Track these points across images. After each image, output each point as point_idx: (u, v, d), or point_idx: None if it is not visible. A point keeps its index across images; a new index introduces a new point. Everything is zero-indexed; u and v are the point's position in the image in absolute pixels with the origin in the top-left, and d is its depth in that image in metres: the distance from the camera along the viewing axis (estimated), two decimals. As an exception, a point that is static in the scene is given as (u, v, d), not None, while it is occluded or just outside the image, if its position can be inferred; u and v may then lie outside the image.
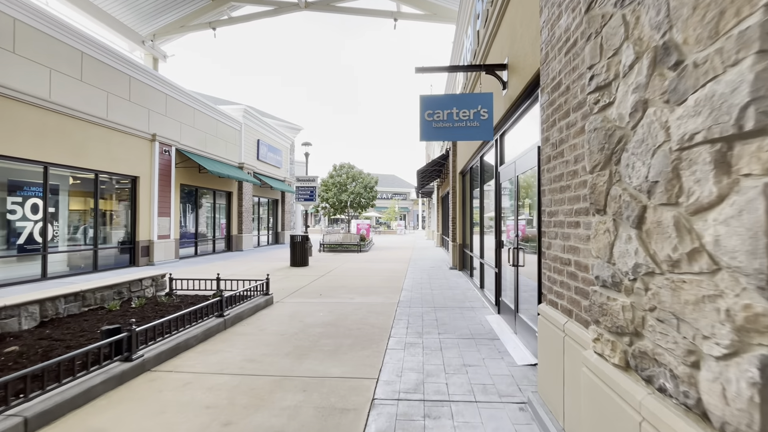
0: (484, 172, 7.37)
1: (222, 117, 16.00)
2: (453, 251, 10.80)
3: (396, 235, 38.26)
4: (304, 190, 15.20)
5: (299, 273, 10.23)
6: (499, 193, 5.55)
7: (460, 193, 10.51)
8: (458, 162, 10.59)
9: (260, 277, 9.85)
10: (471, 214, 8.86)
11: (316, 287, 8.03)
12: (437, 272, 10.26)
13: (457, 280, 8.94)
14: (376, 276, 9.59)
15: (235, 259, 13.64)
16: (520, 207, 4.45)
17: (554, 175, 2.61)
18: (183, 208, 13.95)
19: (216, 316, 4.97)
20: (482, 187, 7.38)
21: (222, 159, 15.92)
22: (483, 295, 6.97)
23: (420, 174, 13.36)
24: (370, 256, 15.17)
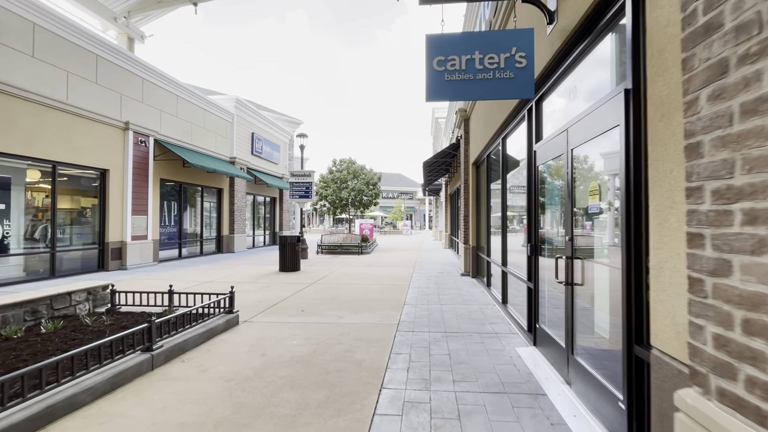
0: (506, 160, 5.89)
1: (210, 107, 14.69)
2: (465, 255, 9.31)
3: (402, 235, 36.79)
4: (298, 186, 13.82)
5: (287, 280, 8.83)
6: (534, 180, 4.08)
7: (474, 188, 9.02)
8: (471, 151, 9.11)
9: (243, 283, 8.54)
10: (488, 212, 7.38)
11: (301, 300, 6.61)
12: (447, 279, 8.78)
13: (470, 290, 7.46)
14: (375, 284, 8.14)
15: (221, 263, 12.30)
16: (573, 196, 2.98)
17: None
18: (164, 206, 12.65)
19: (142, 350, 3.57)
20: (504, 177, 5.90)
21: (210, 152, 14.60)
22: (506, 312, 5.48)
23: (426, 167, 11.89)
24: (372, 259, 13.74)
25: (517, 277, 4.99)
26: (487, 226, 7.40)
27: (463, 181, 9.53)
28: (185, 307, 5.14)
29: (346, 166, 18.00)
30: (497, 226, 6.61)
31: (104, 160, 9.98)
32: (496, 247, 6.86)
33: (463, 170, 9.56)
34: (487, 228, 7.41)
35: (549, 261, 3.85)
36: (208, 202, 15.27)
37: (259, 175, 17.81)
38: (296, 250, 10.33)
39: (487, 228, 7.41)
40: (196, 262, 12.30)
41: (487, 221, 7.39)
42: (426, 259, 13.35)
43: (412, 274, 9.77)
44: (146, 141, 11.24)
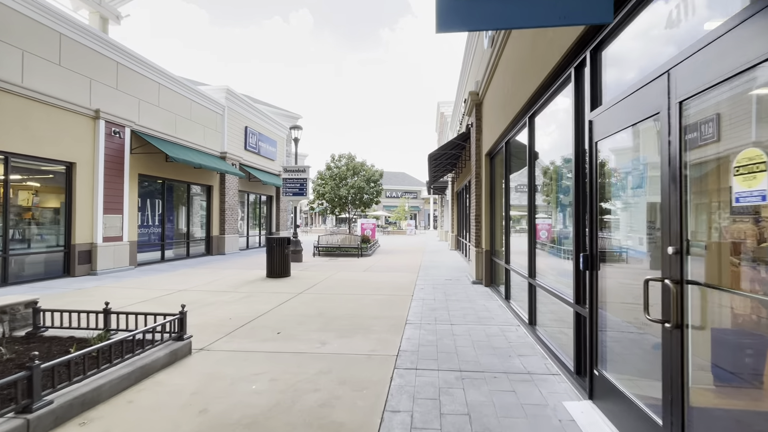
0: (533, 145, 4.68)
1: (198, 97, 13.58)
2: (476, 260, 8.10)
3: (405, 235, 35.59)
4: (292, 182, 12.67)
5: (272, 288, 7.67)
6: (588, 163, 2.88)
7: (487, 182, 7.81)
8: (484, 140, 7.89)
9: (220, 293, 7.33)
10: (506, 210, 6.17)
11: (281, 316, 5.45)
12: (456, 288, 7.57)
13: (485, 303, 6.25)
14: (372, 294, 6.96)
15: (206, 266, 11.18)
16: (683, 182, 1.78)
17: None
18: (144, 204, 11.56)
19: (15, 412, 2.41)
20: (532, 166, 4.69)
21: (198, 146, 13.50)
22: (536, 337, 4.27)
23: (432, 161, 10.69)
24: (372, 261, 12.56)
25: (554, 295, 3.78)
26: (506, 227, 6.19)
27: (474, 175, 8.32)
28: (125, 330, 4.01)
29: (346, 162, 16.80)
30: (520, 228, 5.41)
31: (70, 151, 8.88)
32: (518, 252, 5.65)
33: (474, 163, 8.35)
34: (505, 229, 6.20)
35: (612, 278, 2.65)
36: (196, 200, 14.18)
37: (252, 172, 16.70)
38: (285, 253, 9.17)
39: (505, 229, 6.20)
40: (178, 266, 11.19)
41: (506, 221, 6.18)
42: (431, 263, 12.15)
43: (416, 281, 8.58)
44: (121, 132, 10.14)
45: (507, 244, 6.14)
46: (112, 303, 5.91)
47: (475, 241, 8.28)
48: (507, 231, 6.16)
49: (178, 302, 6.38)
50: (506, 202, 6.19)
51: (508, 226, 6.16)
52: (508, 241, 6.13)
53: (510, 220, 6.14)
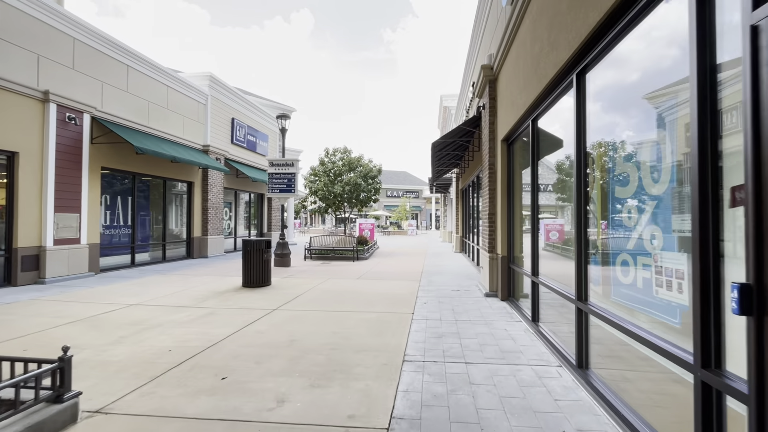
0: (581, 116, 3.32)
1: (176, 83, 12.25)
2: (491, 268, 6.74)
3: (407, 236, 34.25)
4: (279, 178, 11.33)
5: (242, 302, 6.33)
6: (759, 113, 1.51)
7: (504, 174, 6.45)
8: (500, 123, 6.53)
9: (177, 308, 5.83)
10: (534, 207, 4.80)
11: (238, 347, 4.10)
12: (466, 303, 6.21)
13: (507, 327, 4.89)
14: (363, 311, 5.61)
15: (179, 272, 9.86)
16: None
17: None
18: (110, 202, 10.23)
19: None
20: (581, 146, 3.33)
21: (175, 138, 12.16)
22: (593, 390, 2.91)
23: (436, 151, 9.31)
24: (369, 266, 11.21)
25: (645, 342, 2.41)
26: (533, 228, 4.82)
27: (488, 166, 6.96)
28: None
29: (341, 157, 15.43)
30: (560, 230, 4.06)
31: (10, 139, 7.56)
32: (550, 260, 4.30)
33: (487, 151, 6.99)
34: (532, 231, 4.83)
35: None
36: (176, 198, 12.85)
37: (240, 168, 15.38)
38: (264, 258, 7.83)
39: (532, 231, 4.83)
40: (147, 272, 9.86)
41: (533, 221, 4.81)
42: (435, 268, 10.79)
43: (417, 292, 7.23)
44: (78, 118, 8.81)
45: (535, 251, 4.77)
46: (31, 325, 4.64)
47: (488, 245, 6.92)
48: (534, 233, 4.80)
49: (120, 323, 5.06)
50: (533, 197, 4.82)
51: (535, 228, 4.79)
52: (535, 247, 4.77)
53: (538, 219, 4.78)
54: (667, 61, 2.25)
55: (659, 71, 2.33)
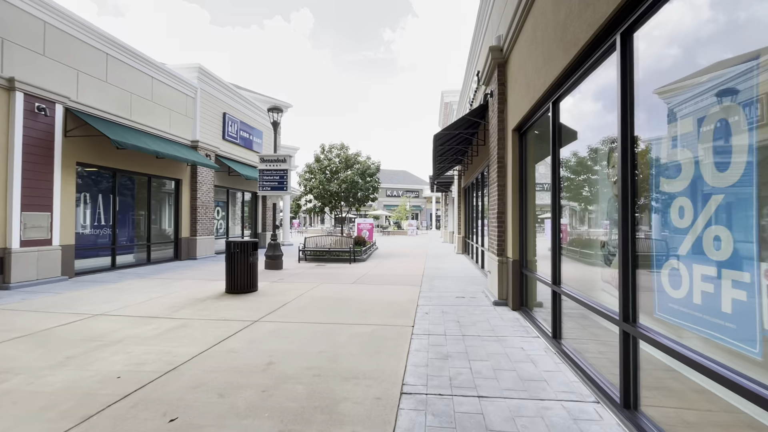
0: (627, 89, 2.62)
1: (161, 75, 11.54)
2: (500, 273, 6.04)
3: (407, 236, 33.56)
4: (270, 174, 10.64)
5: (221, 312, 5.63)
6: None
7: (516, 167, 5.75)
8: (510, 111, 5.82)
9: (146, 320, 4.73)
10: (556, 203, 4.09)
11: (201, 373, 3.40)
12: (473, 314, 5.51)
13: (523, 345, 4.19)
14: (356, 324, 4.91)
15: (162, 276, 9.16)
16: None
17: None
18: (91, 200, 9.53)
19: None
20: (628, 121, 2.63)
21: (161, 133, 11.46)
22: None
23: (438, 145, 8.59)
24: (366, 269, 10.50)
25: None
26: (554, 228, 4.11)
27: (496, 159, 6.25)
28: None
29: (337, 153, 14.71)
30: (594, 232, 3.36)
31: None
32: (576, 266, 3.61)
33: (496, 143, 6.28)
34: (554, 232, 4.12)
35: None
36: (162, 196, 12.14)
37: (232, 165, 14.67)
38: (250, 261, 7.13)
39: (554, 232, 4.12)
40: (127, 276, 9.16)
41: (555, 219, 4.10)
42: (436, 271, 10.08)
43: (418, 299, 6.52)
44: (49, 109, 8.10)
45: (556, 255, 4.07)
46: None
47: (496, 248, 6.22)
48: (556, 235, 4.09)
49: (74, 339, 4.35)
50: (554, 191, 4.11)
51: (556, 229, 4.08)
52: (557, 251, 4.06)
53: (559, 217, 4.07)
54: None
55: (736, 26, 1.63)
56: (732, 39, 1.82)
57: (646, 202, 2.55)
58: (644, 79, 2.51)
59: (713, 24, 1.94)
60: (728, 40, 1.84)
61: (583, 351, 3.51)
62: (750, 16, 1.74)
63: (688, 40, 2.11)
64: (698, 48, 2.04)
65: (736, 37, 1.80)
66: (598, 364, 3.18)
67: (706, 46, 1.99)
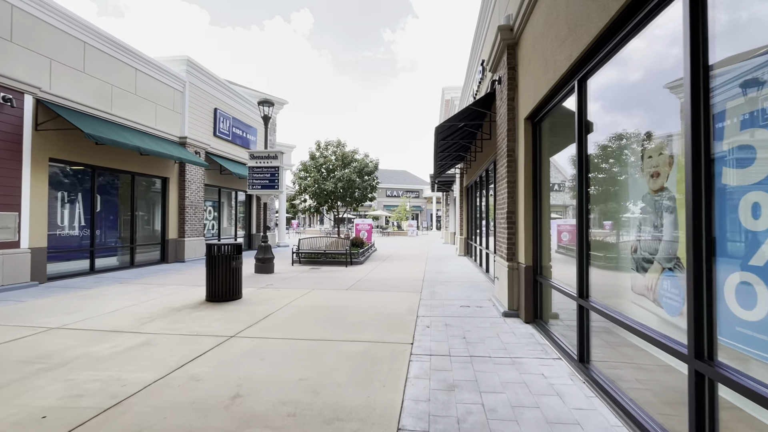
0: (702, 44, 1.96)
1: (146, 66, 10.88)
2: (510, 280, 5.37)
3: (407, 237, 32.90)
4: (260, 172, 9.99)
5: (196, 324, 4.96)
6: None
7: (529, 161, 5.08)
8: (523, 97, 5.16)
9: (109, 334, 4.14)
10: (583, 203, 3.42)
11: (150, 411, 2.73)
12: (481, 328, 4.84)
13: (544, 370, 3.52)
14: (346, 341, 4.24)
15: (143, 281, 8.50)
16: None
17: None
18: (67, 200, 8.87)
19: None
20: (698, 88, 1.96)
21: (145, 128, 10.80)
22: None
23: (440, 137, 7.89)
24: (363, 272, 9.84)
25: None
26: (581, 229, 3.44)
27: (506, 152, 5.59)
28: None
29: (333, 150, 14.04)
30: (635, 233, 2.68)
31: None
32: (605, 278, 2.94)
33: (505, 134, 5.62)
34: (582, 234, 3.45)
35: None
36: (148, 195, 11.48)
37: (223, 163, 14.00)
38: (233, 266, 6.47)
39: (582, 234, 3.45)
40: (105, 281, 8.50)
41: (582, 218, 3.44)
42: (437, 275, 9.42)
43: (418, 309, 5.86)
44: (16, 100, 7.45)
45: (583, 262, 3.40)
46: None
47: (505, 252, 5.55)
48: (583, 239, 3.42)
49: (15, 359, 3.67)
50: (581, 186, 3.45)
51: (584, 230, 3.41)
52: (584, 257, 3.39)
53: (586, 217, 3.41)
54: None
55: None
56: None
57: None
58: (719, 32, 1.85)
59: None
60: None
61: (619, 379, 2.85)
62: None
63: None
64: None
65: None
66: (642, 399, 2.52)
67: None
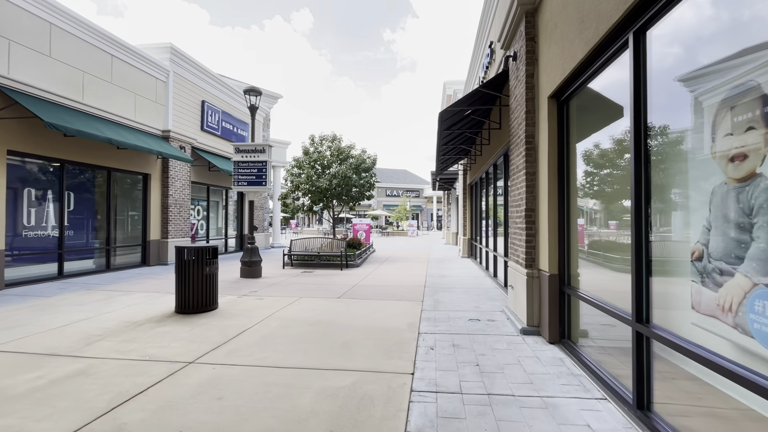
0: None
1: (123, 52, 10.02)
2: (529, 291, 4.51)
3: (407, 237, 32.04)
4: (246, 167, 9.13)
5: (149, 346, 4.10)
6: None
7: (552, 149, 4.21)
8: (545, 71, 4.29)
9: (46, 359, 3.45)
10: (641, 190, 2.57)
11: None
12: (496, 351, 3.98)
13: (590, 419, 2.65)
14: (329, 373, 3.37)
15: (113, 287, 7.64)
16: None
17: None
18: (27, 198, 8.02)
19: None
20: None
21: (123, 119, 9.95)
22: None
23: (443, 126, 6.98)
24: (359, 276, 8.97)
25: None
26: (640, 228, 2.57)
27: (524, 139, 4.72)
28: None
29: (329, 146, 13.18)
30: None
31: None
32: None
33: (523, 118, 4.75)
34: (640, 234, 2.59)
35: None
36: (127, 193, 10.62)
37: (211, 159, 13.15)
38: (206, 273, 5.61)
39: (640, 234, 2.59)
40: (71, 287, 7.65)
41: (641, 214, 2.57)
42: (440, 279, 8.55)
43: (420, 323, 4.99)
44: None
45: (642, 273, 2.54)
46: None
47: (523, 257, 4.68)
48: (641, 243, 2.56)
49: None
50: (640, 176, 2.58)
51: (643, 233, 2.55)
52: (643, 266, 2.53)
53: (646, 214, 2.55)
54: None
55: None
56: None
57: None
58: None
59: None
60: None
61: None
62: None
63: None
64: None
65: None
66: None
67: None
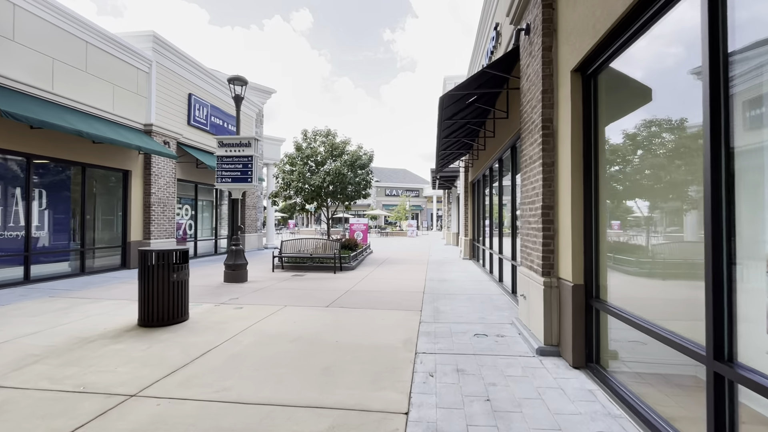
0: None
1: (99, 39, 9.32)
2: (548, 305, 3.80)
3: (406, 237, 31.33)
4: (230, 163, 8.43)
5: (93, 372, 3.39)
6: None
7: (576, 135, 3.50)
8: (568, 40, 3.60)
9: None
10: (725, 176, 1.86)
11: None
12: (511, 381, 3.27)
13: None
14: (300, 414, 2.65)
15: (79, 293, 6.94)
16: None
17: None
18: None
19: None
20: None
21: (99, 111, 9.24)
22: None
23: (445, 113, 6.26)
24: (352, 281, 8.26)
25: None
26: (721, 236, 1.87)
27: (540, 124, 4.01)
28: None
29: (322, 141, 12.46)
30: None
31: None
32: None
33: (539, 98, 4.04)
34: (721, 238, 1.88)
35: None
36: (105, 190, 9.91)
37: (199, 156, 12.43)
38: (174, 280, 4.90)
39: (721, 238, 1.88)
40: (35, 292, 6.94)
41: (721, 216, 1.87)
42: (441, 284, 7.84)
43: (417, 340, 4.28)
44: None
45: (721, 294, 1.83)
46: None
47: (540, 263, 3.98)
48: (722, 249, 1.85)
49: None
50: (719, 158, 1.88)
51: (726, 234, 1.85)
52: (724, 284, 1.83)
53: (727, 211, 1.84)
54: None
55: None
56: None
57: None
58: None
59: None
60: None
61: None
62: None
63: None
64: None
65: None
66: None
67: None
